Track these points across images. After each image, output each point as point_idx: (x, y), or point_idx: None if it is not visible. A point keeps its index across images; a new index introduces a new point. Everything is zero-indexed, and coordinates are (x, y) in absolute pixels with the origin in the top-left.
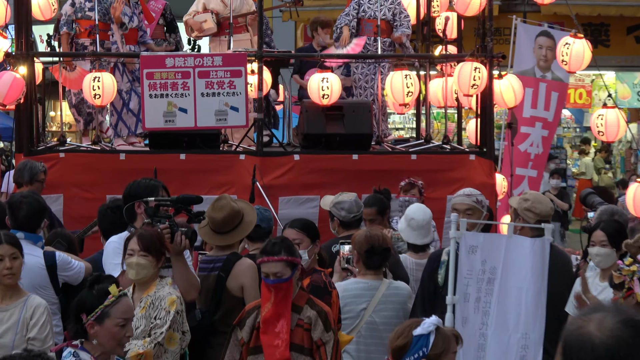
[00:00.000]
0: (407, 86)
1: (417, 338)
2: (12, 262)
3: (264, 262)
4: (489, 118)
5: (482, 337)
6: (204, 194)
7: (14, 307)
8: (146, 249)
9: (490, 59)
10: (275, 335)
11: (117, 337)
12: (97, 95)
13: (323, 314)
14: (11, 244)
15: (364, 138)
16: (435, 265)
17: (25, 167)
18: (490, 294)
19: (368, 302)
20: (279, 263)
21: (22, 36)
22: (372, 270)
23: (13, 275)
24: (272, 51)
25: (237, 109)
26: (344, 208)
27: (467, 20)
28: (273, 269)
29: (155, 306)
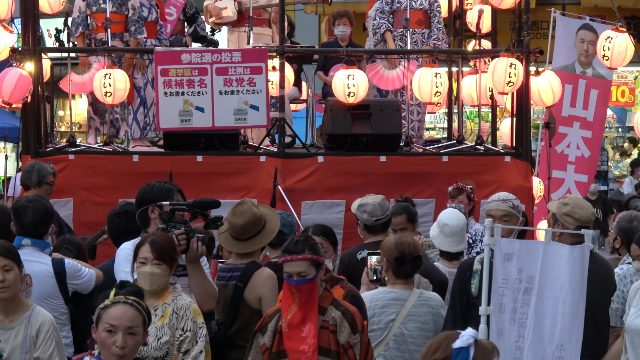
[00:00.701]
0: (436, 85)
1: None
2: (4, 275)
3: (287, 262)
4: (525, 117)
5: (519, 350)
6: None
7: (18, 324)
8: (160, 257)
9: (527, 54)
10: (302, 340)
11: (105, 344)
12: (108, 92)
13: (349, 314)
14: (4, 255)
15: (392, 139)
16: (468, 274)
17: (33, 169)
18: (527, 304)
19: (397, 313)
20: (303, 262)
21: (29, 30)
22: (401, 280)
23: (7, 289)
24: (294, 46)
25: (258, 107)
26: (367, 211)
27: (502, 14)
28: (297, 268)
29: (180, 316)
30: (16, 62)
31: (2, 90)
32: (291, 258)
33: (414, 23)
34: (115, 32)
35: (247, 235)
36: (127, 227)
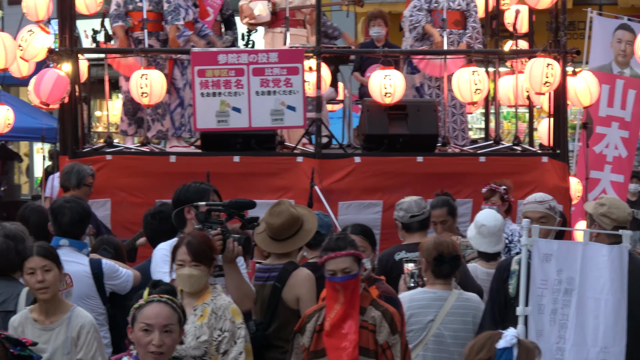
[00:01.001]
0: (475, 83)
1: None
2: (44, 275)
3: (331, 259)
4: (562, 118)
5: (560, 351)
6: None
7: (59, 324)
8: (197, 259)
9: (564, 54)
10: (342, 337)
11: (141, 343)
12: (145, 93)
13: (388, 314)
14: (43, 256)
15: (429, 139)
16: (506, 274)
17: (72, 171)
18: (568, 305)
19: (436, 314)
20: (347, 258)
21: (66, 31)
22: (441, 280)
23: (47, 289)
24: (331, 47)
25: (294, 108)
26: (402, 208)
27: (539, 14)
28: (342, 265)
29: (218, 316)
30: (53, 63)
31: (40, 91)
32: (335, 255)
33: (450, 23)
34: (152, 31)
35: (285, 236)
36: (162, 228)
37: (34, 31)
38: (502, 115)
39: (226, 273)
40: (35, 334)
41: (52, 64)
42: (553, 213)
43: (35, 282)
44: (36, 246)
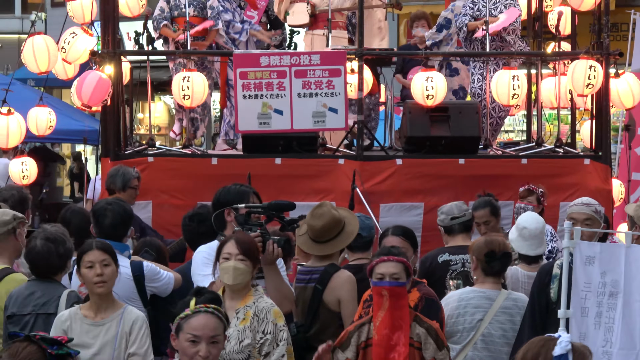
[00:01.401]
0: (514, 88)
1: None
2: (102, 269)
3: (382, 262)
4: (605, 120)
5: (606, 355)
6: (300, 201)
7: (110, 320)
8: (245, 253)
9: (607, 56)
10: (391, 349)
11: (187, 354)
12: (187, 96)
13: (433, 330)
14: (103, 249)
15: (471, 141)
16: (547, 279)
17: (117, 173)
18: (614, 308)
19: (485, 313)
20: (398, 264)
21: (109, 34)
22: (491, 278)
23: (104, 284)
24: (373, 49)
25: (336, 110)
26: (443, 211)
27: (582, 15)
28: (391, 269)
29: (260, 319)
30: (96, 65)
31: (82, 93)
32: (387, 258)
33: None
34: (196, 37)
35: (326, 238)
36: (200, 230)
37: (76, 33)
38: (545, 118)
39: (266, 275)
40: (83, 329)
41: (94, 66)
42: (598, 217)
43: (94, 275)
44: (96, 241)
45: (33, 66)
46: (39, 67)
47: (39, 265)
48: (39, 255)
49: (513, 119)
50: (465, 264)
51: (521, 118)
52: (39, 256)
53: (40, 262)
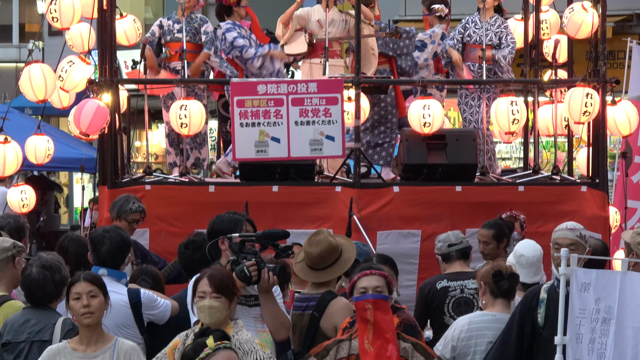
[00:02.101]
0: (513, 113)
1: None
2: (89, 300)
3: (365, 276)
4: (601, 147)
5: None
6: (297, 228)
7: (102, 353)
8: (219, 291)
9: (603, 84)
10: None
11: None
12: (184, 124)
13: (418, 345)
14: (90, 281)
15: (468, 168)
16: (535, 303)
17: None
18: (606, 334)
19: (495, 336)
20: (380, 277)
21: (106, 62)
22: (500, 300)
23: (92, 315)
24: (369, 77)
25: (333, 138)
26: (440, 240)
27: (578, 43)
28: (374, 282)
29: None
30: (93, 93)
31: (80, 121)
32: (370, 272)
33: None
34: (190, 61)
35: (323, 265)
36: (195, 257)
37: (74, 62)
38: (541, 145)
39: (262, 302)
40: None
41: (92, 94)
42: (583, 242)
43: (81, 306)
44: (84, 273)
45: (30, 94)
46: (37, 96)
47: (35, 292)
48: (35, 283)
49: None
50: (464, 290)
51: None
52: (34, 283)
53: (36, 289)
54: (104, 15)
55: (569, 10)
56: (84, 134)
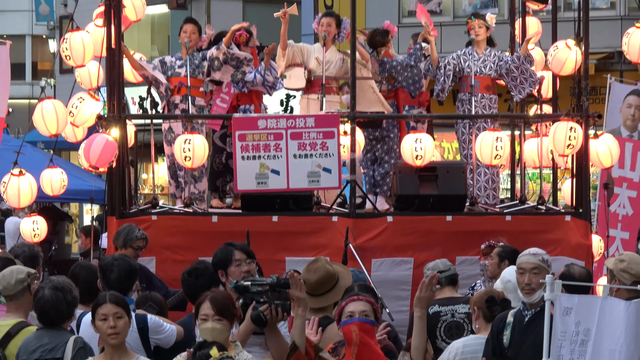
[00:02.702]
0: (497, 149)
1: None
2: (115, 322)
3: (352, 301)
4: (584, 178)
5: None
6: (296, 256)
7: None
8: (220, 313)
9: (586, 118)
10: None
11: None
12: (188, 157)
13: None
14: (115, 303)
15: (458, 199)
16: (502, 326)
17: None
18: (583, 355)
19: None
20: (367, 303)
21: (114, 98)
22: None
23: (117, 335)
24: (364, 112)
25: (330, 170)
26: (429, 267)
27: (563, 80)
28: (361, 307)
29: None
30: (102, 128)
31: (90, 155)
32: (357, 298)
33: (482, 88)
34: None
35: (321, 291)
36: (197, 284)
37: (84, 98)
38: (528, 176)
39: (268, 334)
40: None
41: (101, 129)
42: (546, 265)
43: (108, 327)
44: (109, 294)
45: (43, 129)
46: (49, 130)
47: (48, 313)
48: (48, 304)
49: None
50: (454, 315)
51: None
52: (47, 304)
53: (49, 310)
54: (112, 53)
55: (553, 48)
56: (94, 167)
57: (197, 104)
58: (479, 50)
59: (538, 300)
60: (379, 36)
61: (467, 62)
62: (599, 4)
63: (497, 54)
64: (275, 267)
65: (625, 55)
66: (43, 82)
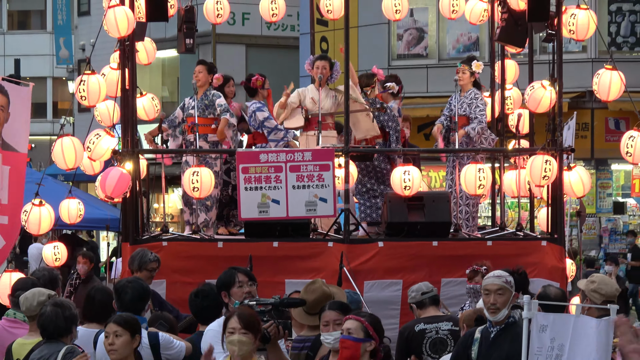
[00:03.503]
0: (480, 179)
1: None
2: (114, 339)
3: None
4: (559, 207)
5: None
6: (295, 278)
7: None
8: (246, 327)
9: (560, 152)
10: None
11: None
12: (196, 188)
13: None
14: (117, 323)
15: (443, 226)
16: (470, 341)
17: (137, 256)
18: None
19: None
20: (355, 321)
21: (128, 135)
22: None
23: (115, 352)
24: (357, 147)
25: (326, 200)
26: (414, 290)
27: (538, 117)
28: (348, 325)
29: None
30: (117, 162)
31: (105, 186)
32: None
33: (461, 126)
34: (201, 134)
35: (318, 310)
36: (203, 304)
37: (100, 134)
38: (507, 205)
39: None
40: None
41: (116, 163)
42: (509, 287)
43: (107, 344)
44: (117, 315)
45: (62, 163)
46: (67, 164)
47: (47, 327)
48: (48, 319)
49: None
50: (438, 332)
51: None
52: (47, 319)
53: (49, 324)
54: (126, 93)
55: (530, 88)
56: (109, 197)
57: (210, 140)
58: (462, 93)
59: (502, 318)
60: (365, 78)
61: (452, 104)
62: (572, 47)
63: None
64: (276, 289)
65: (596, 94)
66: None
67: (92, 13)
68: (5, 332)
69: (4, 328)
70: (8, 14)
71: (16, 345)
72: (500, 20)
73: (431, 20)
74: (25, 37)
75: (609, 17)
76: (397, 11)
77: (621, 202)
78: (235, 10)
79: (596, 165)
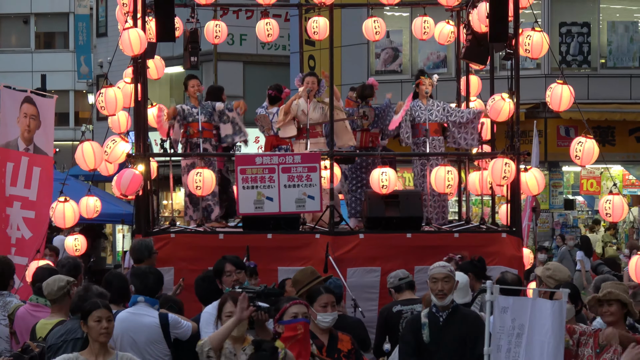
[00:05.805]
0: (448, 180)
1: None
2: (107, 324)
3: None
4: (517, 203)
5: None
6: (286, 266)
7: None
8: None
9: (518, 156)
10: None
11: None
12: (198, 187)
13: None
14: (107, 308)
15: (415, 220)
16: (417, 325)
17: (141, 246)
18: (519, 345)
19: None
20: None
21: (140, 140)
22: None
23: (108, 335)
24: (340, 151)
25: (313, 197)
26: (392, 276)
27: (499, 125)
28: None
29: None
30: (131, 164)
31: (120, 185)
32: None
33: (432, 132)
34: (206, 137)
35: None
36: (209, 288)
37: (116, 140)
38: (472, 202)
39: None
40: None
41: (130, 165)
42: (453, 275)
43: (102, 327)
44: (100, 300)
45: (83, 165)
46: (88, 166)
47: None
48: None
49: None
50: (413, 313)
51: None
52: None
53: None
54: (139, 104)
55: (491, 99)
56: (124, 195)
57: (212, 143)
58: (424, 102)
59: (448, 303)
60: (367, 90)
61: (417, 113)
62: (528, 64)
63: (441, 104)
64: (270, 275)
65: (549, 105)
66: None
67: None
68: (29, 315)
69: (28, 311)
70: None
71: (39, 325)
72: (465, 41)
73: (405, 40)
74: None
75: (560, 38)
76: (376, 32)
77: (571, 200)
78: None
79: (549, 167)
